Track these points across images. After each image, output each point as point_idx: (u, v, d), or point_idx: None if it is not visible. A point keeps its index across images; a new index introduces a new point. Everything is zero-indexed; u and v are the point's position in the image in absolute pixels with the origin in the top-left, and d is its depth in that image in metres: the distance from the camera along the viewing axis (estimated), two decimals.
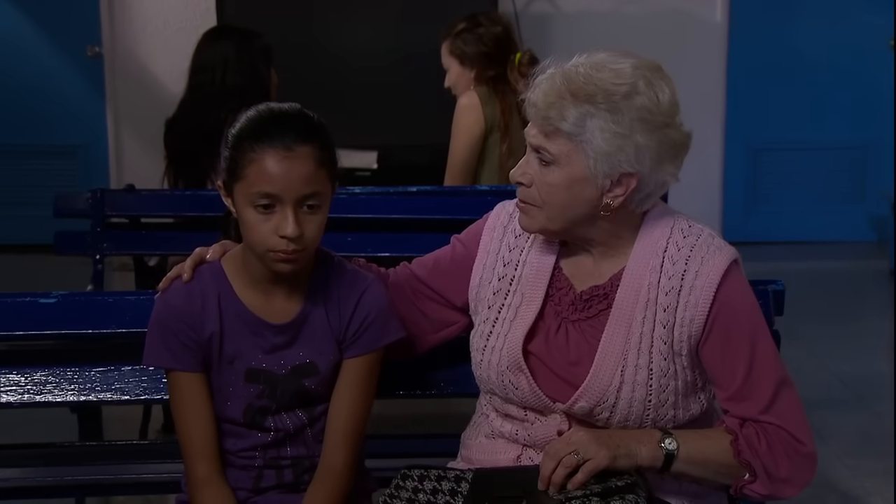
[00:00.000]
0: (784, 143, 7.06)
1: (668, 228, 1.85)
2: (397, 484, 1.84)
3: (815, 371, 4.60)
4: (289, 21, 5.75)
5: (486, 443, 1.95)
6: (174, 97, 3.91)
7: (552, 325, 1.89)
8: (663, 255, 1.83)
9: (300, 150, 1.74)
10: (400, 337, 1.91)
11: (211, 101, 3.65)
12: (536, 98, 1.79)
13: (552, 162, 1.79)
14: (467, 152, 3.77)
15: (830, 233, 7.04)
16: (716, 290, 1.79)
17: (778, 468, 1.80)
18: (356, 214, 3.36)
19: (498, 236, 1.96)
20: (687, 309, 1.80)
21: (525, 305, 1.90)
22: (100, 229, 3.52)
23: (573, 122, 1.76)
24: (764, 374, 1.81)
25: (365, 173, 5.11)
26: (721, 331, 1.80)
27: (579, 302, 1.88)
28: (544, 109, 1.77)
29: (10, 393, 2.09)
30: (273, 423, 1.88)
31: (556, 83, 1.78)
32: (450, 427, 2.14)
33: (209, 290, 1.85)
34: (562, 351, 1.87)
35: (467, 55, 3.80)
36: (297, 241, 1.75)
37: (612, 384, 1.81)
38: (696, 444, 1.80)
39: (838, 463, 3.67)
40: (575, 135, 1.76)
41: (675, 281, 1.81)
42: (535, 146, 1.81)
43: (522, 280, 1.91)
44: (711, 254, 1.81)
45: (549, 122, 1.78)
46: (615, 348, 1.82)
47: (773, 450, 1.80)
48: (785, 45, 6.95)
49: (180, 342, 1.83)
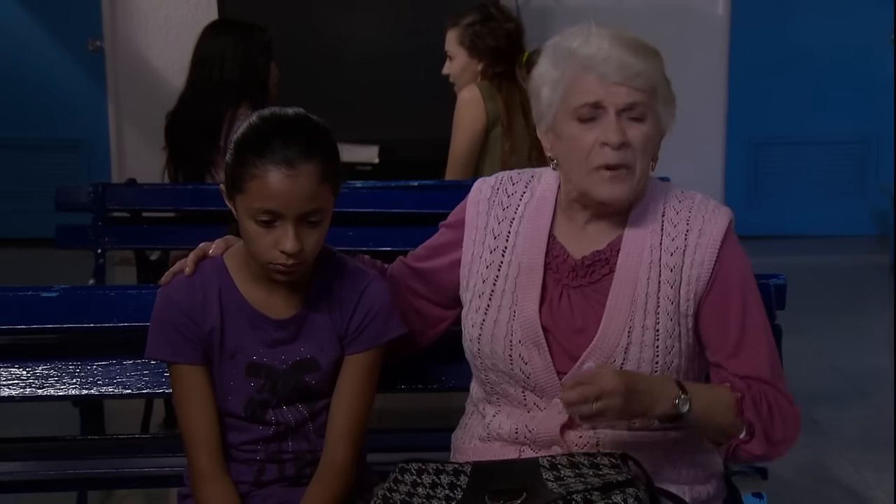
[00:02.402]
0: (785, 137, 7.06)
1: (662, 194, 1.91)
2: (395, 478, 1.83)
3: (815, 365, 4.60)
4: (289, 15, 5.74)
5: (480, 446, 1.94)
6: (175, 91, 3.91)
7: (554, 293, 1.89)
8: (662, 218, 1.87)
9: (303, 167, 1.73)
10: (401, 333, 1.91)
11: (210, 95, 3.65)
12: (628, 60, 1.80)
13: (644, 115, 1.82)
14: (468, 147, 3.76)
15: (831, 227, 7.03)
16: (719, 247, 1.84)
17: (774, 429, 1.82)
18: (357, 209, 3.36)
19: (483, 210, 1.96)
20: (693, 267, 1.84)
21: (525, 275, 1.89)
22: (101, 223, 3.53)
23: (657, 77, 1.83)
24: (758, 332, 1.86)
25: (366, 167, 5.11)
26: (721, 287, 1.84)
27: (580, 268, 1.88)
28: (636, 66, 1.80)
29: (12, 387, 2.09)
30: (274, 416, 1.88)
31: (626, 39, 1.83)
32: (452, 422, 2.14)
33: (210, 284, 1.85)
34: (566, 319, 1.87)
35: (477, 47, 3.78)
36: (296, 256, 1.76)
37: (620, 345, 1.82)
38: (706, 405, 1.79)
39: (839, 457, 3.67)
40: (658, 86, 1.83)
41: (678, 241, 1.85)
42: (629, 104, 1.81)
43: (517, 250, 1.91)
44: (711, 212, 1.87)
45: (645, 76, 1.81)
46: (622, 310, 1.84)
47: (773, 412, 1.82)
48: (786, 39, 6.95)
49: (181, 335, 1.83)
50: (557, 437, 1.86)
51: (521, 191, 1.96)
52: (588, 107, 1.81)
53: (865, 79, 6.94)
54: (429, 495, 1.79)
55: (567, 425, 1.85)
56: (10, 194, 6.90)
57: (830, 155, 7.11)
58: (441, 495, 1.78)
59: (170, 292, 1.86)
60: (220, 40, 3.73)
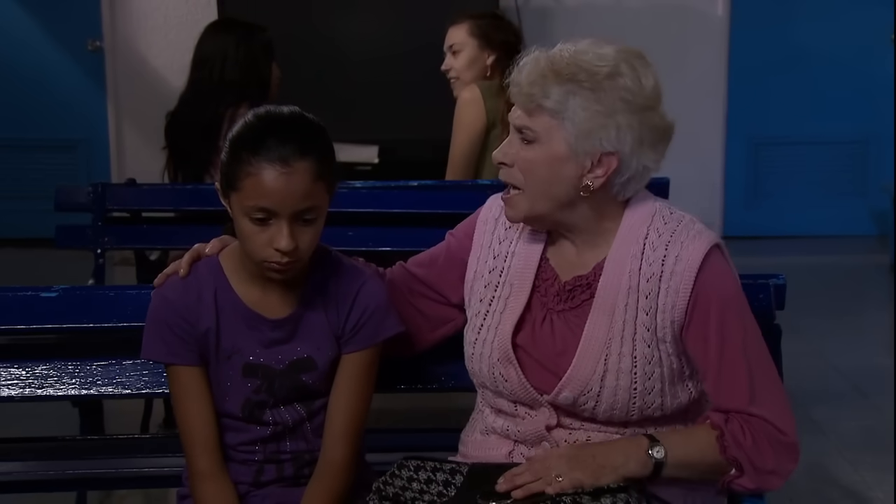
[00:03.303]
0: (785, 137, 7.06)
1: (649, 216, 1.86)
2: (392, 472, 1.85)
3: (815, 365, 4.61)
4: (289, 15, 5.75)
5: (480, 439, 1.96)
6: (175, 91, 3.91)
7: (538, 316, 1.89)
8: (644, 241, 1.83)
9: (298, 165, 1.73)
10: (398, 331, 1.91)
11: (210, 95, 3.65)
12: (520, 78, 1.83)
13: (534, 140, 1.82)
14: (469, 147, 3.76)
15: (831, 227, 7.04)
16: (696, 274, 1.79)
17: (764, 461, 1.80)
18: (357, 209, 3.36)
19: (490, 229, 1.97)
20: (668, 294, 1.80)
21: (513, 297, 1.90)
22: (101, 223, 3.53)
23: (556, 99, 1.79)
24: (737, 359, 1.80)
25: (366, 167, 5.11)
26: (701, 316, 1.80)
27: (563, 293, 1.88)
28: (527, 87, 1.81)
29: (11, 387, 2.08)
30: (271, 416, 1.88)
31: (541, 64, 1.82)
32: (451, 422, 2.15)
33: (205, 284, 1.85)
34: (547, 342, 1.87)
35: (491, 40, 3.79)
36: (291, 254, 1.75)
37: (596, 373, 1.81)
38: (683, 449, 1.79)
39: (838, 456, 3.67)
40: (557, 112, 1.79)
41: (655, 267, 1.81)
42: (518, 126, 1.84)
43: (511, 271, 1.92)
44: (691, 239, 1.81)
45: (532, 100, 1.80)
46: (598, 337, 1.83)
47: (758, 443, 1.80)
48: (786, 39, 6.95)
49: (177, 336, 1.83)
50: (545, 435, 1.87)
51: None
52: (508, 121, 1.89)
53: (865, 79, 6.94)
54: (422, 490, 1.80)
55: (553, 426, 1.87)
56: (9, 194, 6.90)
57: (830, 155, 7.11)
58: (434, 491, 1.79)
59: (165, 293, 1.86)
60: (221, 40, 3.73)
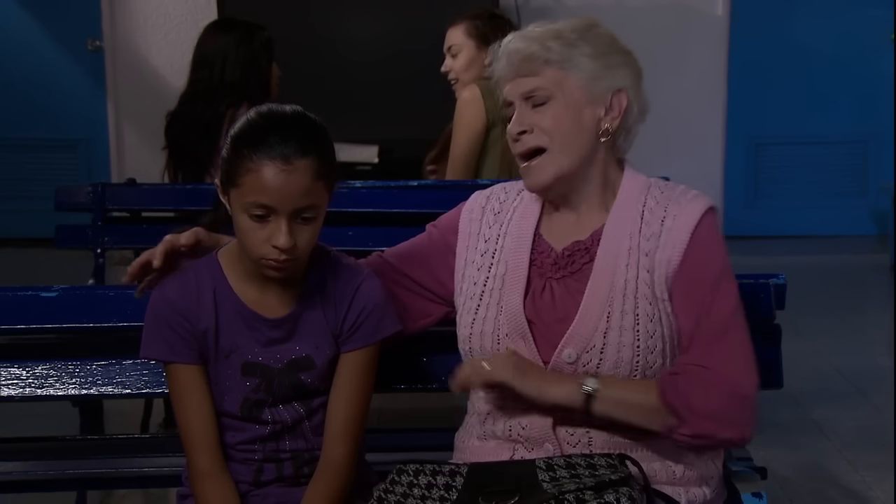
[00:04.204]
0: (785, 136, 7.07)
1: (645, 187, 1.93)
2: (392, 479, 1.83)
3: (815, 365, 4.61)
4: (289, 14, 5.75)
5: (477, 445, 1.94)
6: (175, 91, 3.91)
7: (537, 286, 1.91)
8: (643, 207, 1.89)
9: (299, 163, 1.73)
10: (397, 330, 1.91)
11: (210, 95, 3.65)
12: (513, 48, 1.88)
13: (548, 97, 1.87)
14: (469, 146, 3.76)
15: (831, 227, 7.04)
16: (691, 232, 1.84)
17: (705, 405, 1.77)
18: (357, 209, 3.36)
19: (476, 218, 2.00)
20: (665, 251, 1.84)
21: (511, 273, 1.92)
22: (101, 223, 3.53)
23: (558, 50, 1.86)
24: (716, 323, 1.82)
25: (366, 167, 5.11)
26: (689, 271, 1.83)
27: (561, 259, 1.90)
28: (525, 51, 1.87)
29: (11, 386, 2.08)
30: (270, 415, 1.88)
31: (527, 37, 1.89)
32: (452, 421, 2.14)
33: (204, 283, 1.85)
34: (549, 309, 1.88)
35: (489, 40, 3.77)
36: (289, 252, 1.75)
37: (599, 329, 1.83)
38: (621, 389, 1.81)
39: (838, 456, 3.67)
40: (564, 61, 1.86)
41: (654, 227, 1.86)
42: (525, 92, 1.88)
43: (505, 250, 1.94)
44: (688, 200, 1.88)
45: (534, 58, 1.86)
46: (600, 295, 1.84)
47: (703, 390, 1.77)
48: (786, 39, 6.96)
49: (176, 334, 1.83)
50: (550, 435, 1.86)
51: (514, 197, 2.01)
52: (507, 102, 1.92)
53: (865, 79, 6.95)
54: (424, 496, 1.79)
55: (559, 422, 1.85)
56: (9, 194, 6.91)
57: (830, 155, 7.12)
58: (436, 496, 1.78)
59: (163, 291, 1.86)
60: (222, 40, 3.73)
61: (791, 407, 4.05)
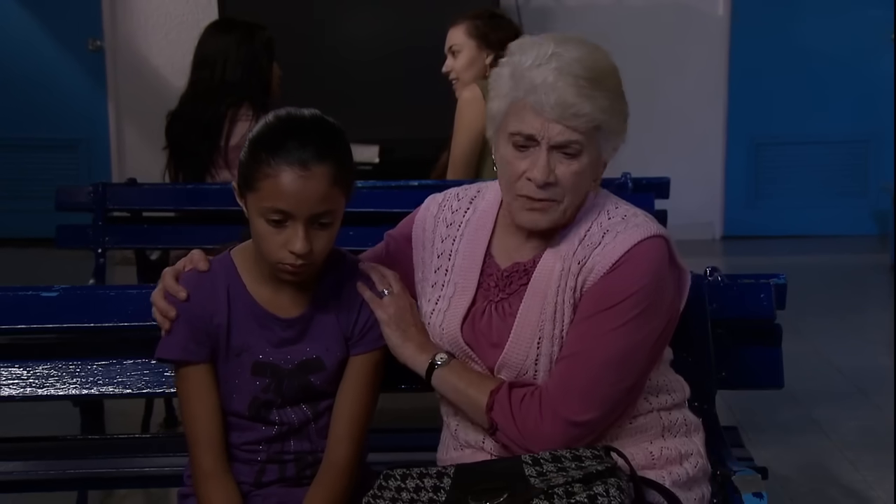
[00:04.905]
0: (786, 136, 7.07)
1: (596, 213, 1.86)
2: (380, 484, 1.83)
3: (816, 364, 4.61)
4: (290, 14, 5.75)
5: (455, 456, 1.93)
6: (175, 90, 3.91)
7: (479, 308, 1.90)
8: (586, 232, 1.83)
9: (317, 169, 1.74)
10: None
11: (211, 95, 3.65)
12: (565, 100, 1.75)
13: (580, 152, 1.79)
14: (469, 146, 3.76)
15: (832, 226, 7.04)
16: (625, 251, 1.78)
17: (522, 429, 1.78)
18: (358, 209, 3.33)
19: (430, 228, 1.97)
20: (592, 264, 1.79)
21: (458, 295, 1.91)
22: (101, 223, 3.53)
23: (602, 109, 1.77)
24: (591, 346, 1.77)
25: (367, 167, 5.11)
26: (603, 286, 1.78)
27: (501, 280, 1.89)
28: (578, 108, 1.75)
29: (12, 386, 2.09)
30: (277, 416, 1.88)
31: (579, 87, 1.76)
32: None
33: (219, 281, 1.86)
34: (485, 334, 1.88)
35: (489, 39, 3.79)
36: (305, 257, 1.76)
37: (529, 357, 1.82)
38: (462, 378, 1.85)
39: (839, 456, 3.67)
40: (604, 122, 1.78)
41: (587, 251, 1.81)
42: (561, 143, 1.78)
43: (455, 270, 1.92)
44: (625, 229, 1.81)
45: (582, 115, 1.75)
46: (531, 321, 1.83)
47: (524, 412, 1.78)
48: (787, 39, 6.96)
49: (192, 329, 1.83)
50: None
51: (465, 207, 1.97)
52: (522, 136, 1.80)
53: (865, 79, 6.95)
54: (412, 499, 1.78)
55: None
56: (9, 194, 6.91)
57: (830, 155, 7.12)
58: (425, 498, 1.78)
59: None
60: (223, 40, 3.73)
61: (792, 407, 4.05)
